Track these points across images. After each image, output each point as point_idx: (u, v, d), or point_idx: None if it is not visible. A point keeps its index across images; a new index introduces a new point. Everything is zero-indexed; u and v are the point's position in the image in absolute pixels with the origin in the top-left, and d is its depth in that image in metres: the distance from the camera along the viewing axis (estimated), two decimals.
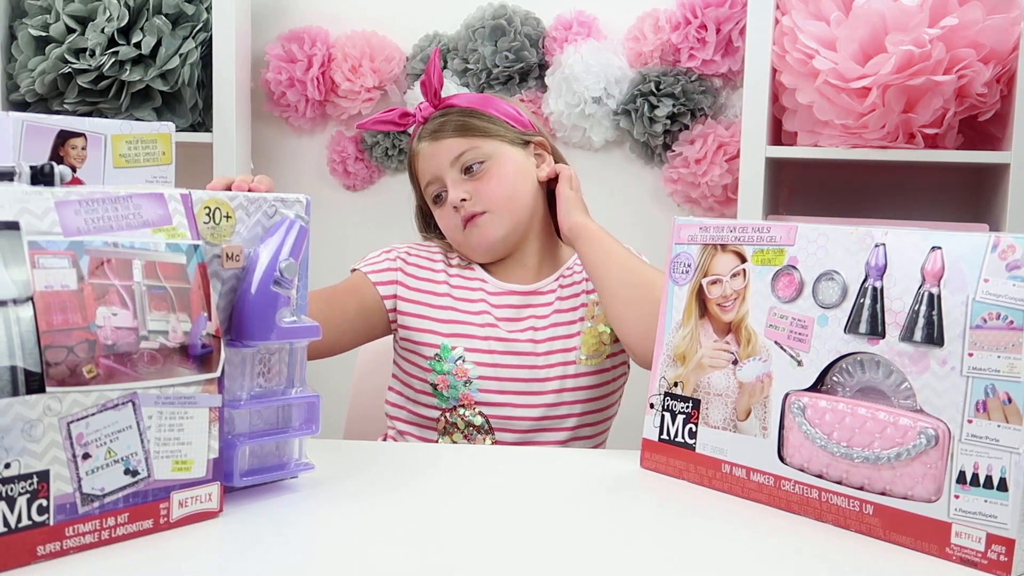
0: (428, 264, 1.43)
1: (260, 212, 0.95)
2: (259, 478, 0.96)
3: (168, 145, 1.06)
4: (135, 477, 0.82)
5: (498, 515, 0.94)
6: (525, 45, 2.21)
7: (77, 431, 0.77)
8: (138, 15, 2.10)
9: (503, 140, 1.39)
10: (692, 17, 2.16)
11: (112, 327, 0.80)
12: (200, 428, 0.86)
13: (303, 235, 0.97)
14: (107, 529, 0.80)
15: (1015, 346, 0.81)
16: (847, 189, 2.16)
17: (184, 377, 0.85)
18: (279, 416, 0.98)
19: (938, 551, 0.84)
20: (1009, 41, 1.80)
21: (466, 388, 1.36)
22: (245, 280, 0.93)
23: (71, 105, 2.12)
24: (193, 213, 0.88)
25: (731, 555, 0.85)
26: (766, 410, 0.98)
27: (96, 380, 0.79)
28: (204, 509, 0.87)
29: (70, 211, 0.79)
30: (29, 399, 0.74)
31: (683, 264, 1.08)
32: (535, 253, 1.43)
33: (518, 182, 1.38)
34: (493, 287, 1.41)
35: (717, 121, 2.20)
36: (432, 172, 1.39)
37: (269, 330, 0.93)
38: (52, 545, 0.77)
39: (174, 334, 0.84)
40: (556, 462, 1.14)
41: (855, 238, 0.93)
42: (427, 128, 1.40)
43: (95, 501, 0.79)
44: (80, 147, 1.00)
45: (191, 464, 0.86)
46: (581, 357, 1.38)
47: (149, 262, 0.83)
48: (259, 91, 2.36)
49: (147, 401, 0.82)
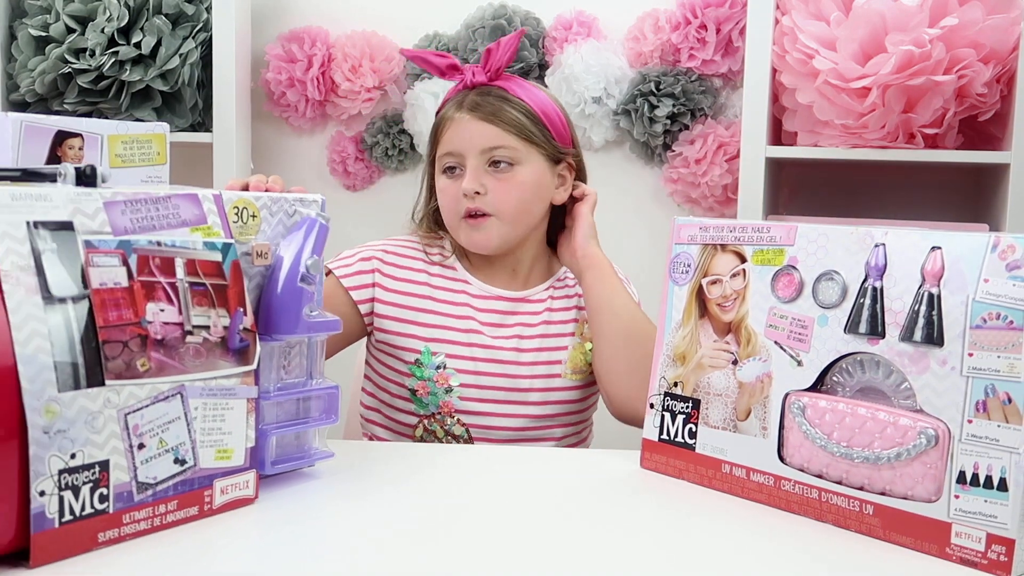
0: (407, 263, 1.37)
1: (282, 212, 0.99)
2: (287, 466, 1.00)
3: (163, 145, 1.07)
4: (183, 466, 0.86)
5: (498, 514, 0.94)
6: (525, 45, 2.21)
7: (133, 422, 0.81)
8: (138, 15, 2.10)
9: (540, 150, 1.33)
10: (692, 17, 2.16)
11: (161, 322, 0.84)
12: (239, 418, 0.90)
13: (324, 233, 1.01)
14: (159, 516, 0.84)
15: (1015, 346, 0.81)
16: (847, 189, 2.16)
17: (225, 370, 0.89)
18: (299, 407, 1.01)
19: (938, 551, 0.84)
20: (1009, 41, 1.80)
21: (447, 395, 1.32)
22: (272, 276, 0.97)
23: (71, 105, 2.12)
24: (225, 213, 0.92)
25: (731, 555, 0.85)
26: (766, 410, 0.97)
27: (149, 373, 0.82)
28: (242, 496, 0.91)
29: (117, 211, 0.83)
30: (91, 392, 0.77)
31: (683, 264, 1.08)
32: (527, 261, 1.39)
33: (534, 196, 1.34)
34: (478, 290, 1.37)
35: (717, 121, 2.20)
36: (458, 145, 1.32)
37: (295, 324, 0.97)
38: (111, 532, 0.80)
39: (215, 328, 0.88)
40: (556, 462, 1.14)
41: (855, 238, 0.93)
42: (473, 98, 1.32)
43: (149, 489, 0.83)
44: (77, 147, 1.01)
45: (231, 453, 0.90)
46: (566, 371, 1.36)
47: (189, 260, 0.87)
48: (259, 91, 2.36)
49: (193, 393, 0.86)
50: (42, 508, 0.75)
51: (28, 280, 0.75)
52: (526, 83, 1.37)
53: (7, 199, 0.76)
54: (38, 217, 0.77)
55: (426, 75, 2.27)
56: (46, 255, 0.77)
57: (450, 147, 1.33)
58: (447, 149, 1.33)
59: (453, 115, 1.33)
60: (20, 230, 0.76)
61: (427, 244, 1.40)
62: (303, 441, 1.03)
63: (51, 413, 0.75)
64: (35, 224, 0.77)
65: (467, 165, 1.31)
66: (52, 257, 0.77)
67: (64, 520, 0.76)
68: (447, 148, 1.33)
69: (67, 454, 0.76)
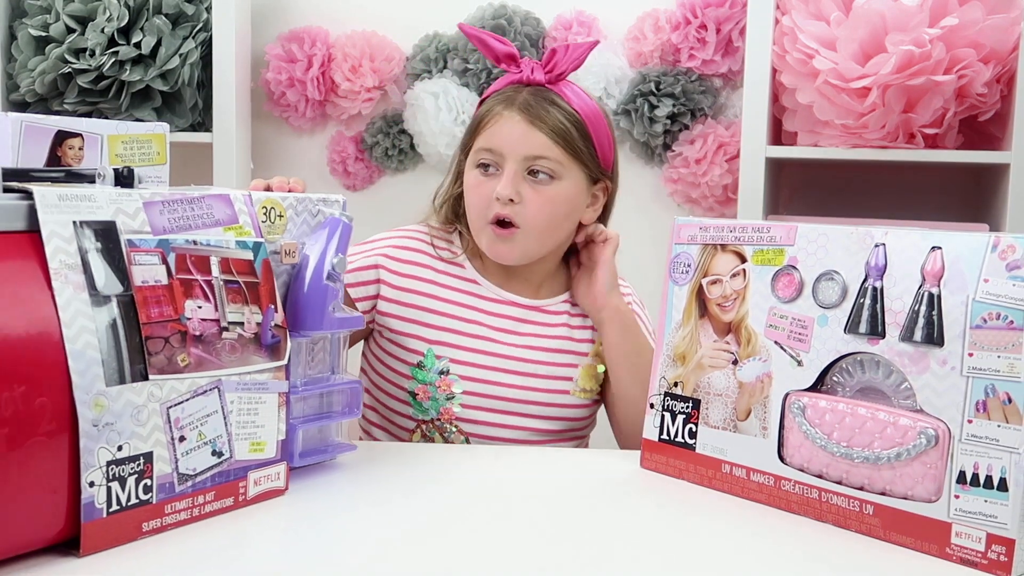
0: (413, 257, 1.32)
1: (306, 211, 1.02)
2: (314, 458, 1.03)
3: (163, 145, 1.07)
4: (220, 458, 0.89)
5: (498, 514, 0.94)
6: (525, 45, 2.21)
7: (175, 415, 0.84)
8: (138, 15, 2.10)
9: (582, 168, 1.26)
10: (692, 17, 2.16)
11: (199, 319, 0.87)
12: (271, 412, 0.93)
13: (348, 232, 1.04)
14: (197, 507, 0.87)
15: (1015, 346, 0.81)
16: (847, 189, 2.16)
17: (258, 365, 0.92)
18: (322, 401, 1.04)
19: (938, 551, 0.84)
20: (1009, 41, 1.80)
21: (447, 402, 1.28)
22: (299, 275, 1.00)
23: (71, 105, 2.12)
24: (255, 212, 0.95)
25: (731, 555, 0.85)
26: (766, 410, 0.97)
27: (188, 368, 0.85)
28: (274, 487, 0.94)
29: (155, 211, 0.86)
30: (136, 386, 0.80)
31: (683, 264, 1.08)
32: (541, 272, 1.34)
33: (565, 215, 1.27)
34: (489, 293, 1.32)
35: (717, 121, 2.20)
36: (499, 144, 1.24)
37: (322, 321, 1.00)
38: (155, 522, 0.83)
39: (248, 325, 0.91)
40: (556, 462, 1.14)
41: (855, 238, 0.93)
42: (525, 97, 1.25)
43: (188, 480, 0.85)
44: (77, 147, 1.01)
45: (264, 445, 0.93)
46: (575, 389, 1.32)
47: (223, 258, 0.90)
48: (259, 91, 2.36)
49: (229, 387, 0.89)
50: (91, 498, 0.78)
51: (76, 278, 0.78)
52: (581, 91, 1.29)
53: (54, 199, 0.79)
54: (83, 217, 0.80)
55: (426, 75, 2.27)
56: (91, 254, 0.79)
57: (490, 144, 1.25)
58: (487, 145, 1.26)
59: (501, 111, 1.25)
60: (67, 229, 0.79)
61: (436, 238, 1.35)
62: (325, 434, 1.06)
63: (99, 406, 0.77)
64: (80, 224, 0.80)
65: (505, 167, 1.24)
66: (97, 256, 0.80)
67: (112, 510, 0.79)
68: (487, 143, 1.26)
69: (114, 446, 0.79)
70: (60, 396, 0.75)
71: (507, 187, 1.23)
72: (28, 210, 0.78)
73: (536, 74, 1.26)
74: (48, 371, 0.75)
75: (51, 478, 0.75)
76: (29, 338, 0.74)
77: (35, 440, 0.74)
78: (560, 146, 1.23)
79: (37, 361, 0.75)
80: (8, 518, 0.73)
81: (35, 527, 0.76)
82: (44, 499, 0.75)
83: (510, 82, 1.28)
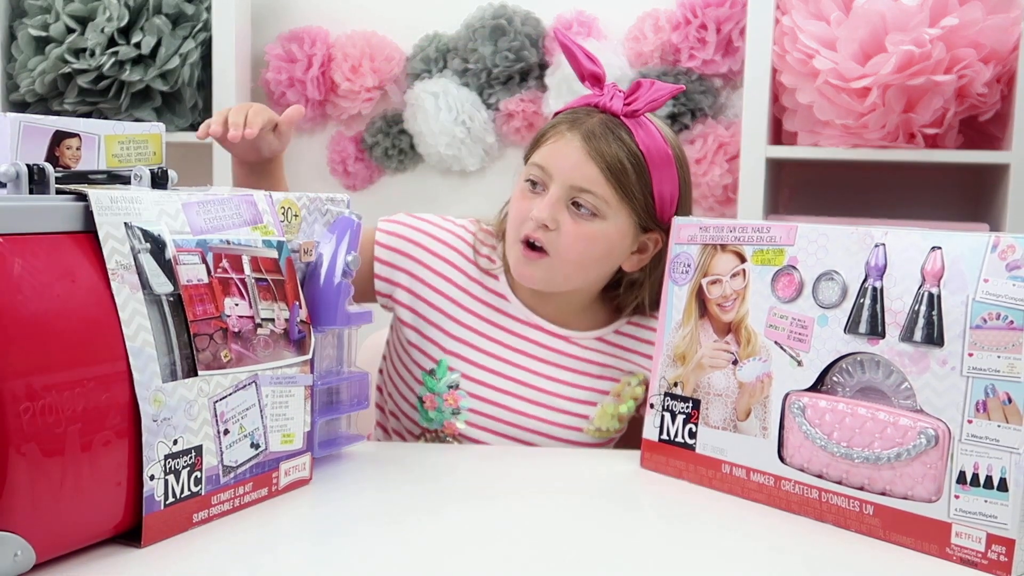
0: (450, 256, 1.27)
1: (317, 211, 1.04)
2: (332, 449, 1.06)
3: (159, 145, 1.08)
4: (258, 450, 0.91)
5: (498, 514, 0.94)
6: (525, 45, 2.21)
7: (220, 410, 0.86)
8: (138, 15, 2.10)
9: (631, 214, 1.18)
10: (692, 17, 2.15)
11: (236, 316, 0.89)
12: (299, 405, 0.96)
13: (358, 230, 1.07)
14: (238, 497, 0.90)
15: (1015, 346, 0.80)
16: (847, 189, 2.16)
17: (288, 359, 0.94)
18: (330, 394, 1.06)
19: (938, 551, 0.84)
20: (1009, 41, 1.80)
21: (452, 417, 1.24)
22: (314, 272, 1.02)
23: (71, 105, 2.12)
24: (275, 212, 0.97)
25: (731, 555, 0.85)
26: (766, 410, 0.97)
27: (230, 364, 0.88)
28: (301, 477, 0.98)
29: (193, 211, 0.88)
30: (187, 382, 0.83)
31: (683, 264, 1.08)
32: (573, 304, 1.27)
33: (600, 256, 1.19)
34: (516, 312, 1.26)
35: (717, 121, 2.20)
36: (551, 165, 1.18)
37: (338, 316, 1.02)
38: (203, 512, 0.86)
39: (278, 321, 0.94)
40: (556, 462, 1.14)
41: (855, 238, 0.93)
42: (592, 125, 1.17)
43: (231, 472, 0.88)
44: (75, 147, 1.01)
45: (294, 437, 0.95)
46: (590, 427, 1.26)
47: (253, 257, 0.92)
48: (259, 91, 2.36)
49: (264, 381, 0.91)
50: (152, 491, 0.80)
51: (131, 278, 0.80)
52: (659, 132, 1.20)
53: (107, 201, 0.81)
54: (132, 219, 0.82)
55: (426, 75, 2.27)
56: (142, 255, 0.82)
57: (543, 161, 1.19)
58: (540, 161, 1.19)
59: (564, 131, 1.18)
60: (120, 231, 0.81)
61: (480, 242, 1.29)
62: (333, 427, 1.08)
63: (158, 402, 0.80)
64: (130, 225, 0.82)
65: (549, 190, 1.17)
66: (147, 256, 0.82)
67: (168, 502, 0.82)
68: (541, 160, 1.19)
69: (171, 440, 0.81)
70: (123, 392, 0.78)
71: (544, 211, 1.16)
72: (83, 211, 0.80)
73: (614, 102, 1.19)
74: (111, 368, 0.77)
75: (116, 472, 0.78)
76: (93, 336, 0.77)
77: (102, 435, 0.76)
78: (611, 184, 1.16)
79: (101, 359, 0.77)
80: (79, 511, 0.76)
81: (101, 519, 0.78)
82: (109, 492, 0.78)
83: (587, 103, 1.21)
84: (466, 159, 2.27)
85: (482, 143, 2.27)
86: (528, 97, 2.26)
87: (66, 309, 0.75)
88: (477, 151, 2.27)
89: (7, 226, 0.74)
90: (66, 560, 0.77)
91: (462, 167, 2.28)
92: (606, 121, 1.18)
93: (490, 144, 2.28)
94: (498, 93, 2.24)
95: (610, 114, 1.19)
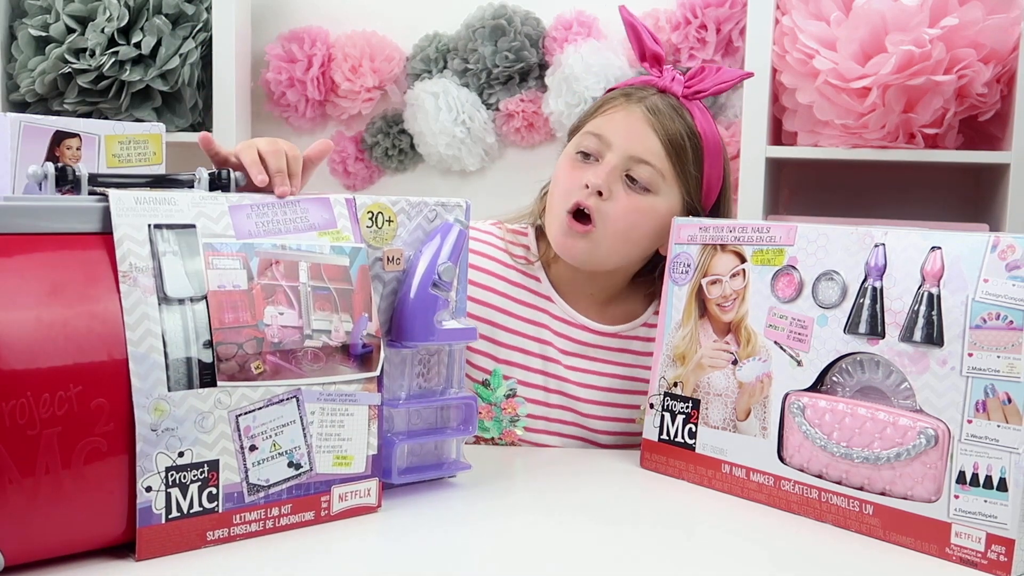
0: (487, 264, 1.24)
1: (421, 216, 0.99)
2: (417, 476, 0.98)
3: (159, 145, 1.08)
4: (298, 470, 0.86)
5: (498, 514, 0.94)
6: (525, 45, 2.21)
7: (245, 424, 0.82)
8: (138, 15, 2.10)
9: (683, 191, 1.17)
10: (692, 17, 2.15)
11: (279, 325, 0.85)
12: (360, 425, 0.90)
13: (462, 238, 0.99)
14: (271, 519, 0.85)
15: (1015, 346, 0.80)
16: (847, 189, 2.16)
17: (345, 375, 0.89)
18: (438, 416, 1.01)
19: (938, 551, 0.84)
20: (1009, 41, 1.80)
21: (511, 425, 1.23)
22: (405, 283, 0.97)
23: (71, 105, 2.12)
24: (357, 217, 0.93)
25: (731, 555, 0.85)
26: (766, 410, 0.97)
27: (263, 376, 0.83)
28: (363, 504, 0.91)
29: (242, 215, 0.86)
30: (202, 392, 0.80)
31: (683, 264, 1.08)
32: (608, 289, 1.26)
33: (647, 233, 1.17)
34: (562, 313, 1.24)
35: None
36: (609, 133, 1.16)
37: (428, 332, 0.96)
38: (220, 531, 0.82)
39: (336, 333, 0.88)
40: (557, 462, 1.14)
41: (855, 238, 0.93)
42: (656, 100, 1.17)
43: (260, 491, 0.84)
44: (75, 147, 1.01)
45: (351, 460, 0.90)
46: (641, 416, 1.22)
47: (314, 264, 0.88)
48: (259, 91, 2.36)
49: (310, 397, 0.86)
50: (148, 503, 0.77)
51: (146, 281, 0.78)
52: (711, 120, 1.21)
53: (131, 203, 0.80)
54: (161, 220, 0.80)
55: (426, 75, 2.27)
56: (167, 257, 0.80)
57: (601, 130, 1.17)
58: (597, 130, 1.17)
59: (624, 103, 1.18)
60: (142, 232, 0.79)
61: (510, 242, 1.27)
62: (442, 451, 1.02)
63: (160, 411, 0.77)
64: (156, 227, 0.80)
65: (605, 159, 1.16)
66: (173, 259, 0.80)
67: (171, 516, 0.79)
68: (598, 129, 1.17)
69: (175, 452, 0.78)
70: (119, 398, 0.76)
71: (600, 176, 1.14)
72: (103, 212, 0.79)
73: (675, 84, 1.19)
74: (108, 373, 0.75)
75: (107, 480, 0.76)
76: (91, 338, 0.75)
77: (89, 440, 0.74)
78: (670, 159, 1.15)
79: (97, 362, 0.75)
80: (61, 516, 0.74)
81: (91, 527, 0.76)
82: (99, 500, 0.76)
83: (644, 83, 1.21)
84: (466, 159, 2.27)
85: (482, 143, 2.27)
86: (528, 97, 2.26)
87: (60, 311, 0.74)
88: (477, 151, 2.27)
89: (13, 226, 0.74)
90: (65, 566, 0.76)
91: (462, 167, 2.28)
92: (666, 98, 1.18)
93: (490, 144, 2.27)
94: (498, 93, 2.24)
95: (669, 94, 1.19)
